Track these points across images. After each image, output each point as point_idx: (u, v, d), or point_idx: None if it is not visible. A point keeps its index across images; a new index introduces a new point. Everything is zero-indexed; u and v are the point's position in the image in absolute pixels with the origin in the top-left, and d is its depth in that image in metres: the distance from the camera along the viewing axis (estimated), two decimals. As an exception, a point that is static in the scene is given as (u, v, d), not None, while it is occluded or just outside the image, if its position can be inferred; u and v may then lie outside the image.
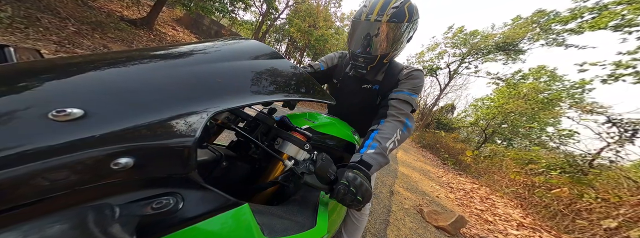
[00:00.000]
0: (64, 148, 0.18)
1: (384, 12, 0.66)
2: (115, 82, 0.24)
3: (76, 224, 0.17)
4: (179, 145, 0.23)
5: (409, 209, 2.24)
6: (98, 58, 0.28)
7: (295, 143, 0.47)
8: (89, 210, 0.18)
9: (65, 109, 0.19)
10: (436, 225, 2.00)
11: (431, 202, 2.72)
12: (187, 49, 0.35)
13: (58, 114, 0.19)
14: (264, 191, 0.49)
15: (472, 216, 2.65)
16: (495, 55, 14.76)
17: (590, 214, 2.59)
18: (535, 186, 3.56)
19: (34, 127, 0.18)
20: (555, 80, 12.38)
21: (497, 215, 2.89)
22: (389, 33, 0.68)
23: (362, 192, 0.43)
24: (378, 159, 0.58)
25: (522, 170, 4.20)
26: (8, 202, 0.17)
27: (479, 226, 2.38)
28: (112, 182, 0.21)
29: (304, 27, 10.28)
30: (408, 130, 0.68)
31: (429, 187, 3.49)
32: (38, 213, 0.18)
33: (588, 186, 3.03)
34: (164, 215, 0.23)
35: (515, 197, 3.63)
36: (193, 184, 0.27)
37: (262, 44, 0.42)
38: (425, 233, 1.83)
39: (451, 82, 17.98)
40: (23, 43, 2.65)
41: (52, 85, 0.22)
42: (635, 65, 4.17)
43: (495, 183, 4.37)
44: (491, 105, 13.30)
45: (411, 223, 1.93)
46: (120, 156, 0.20)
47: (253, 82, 0.34)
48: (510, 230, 2.45)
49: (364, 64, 0.75)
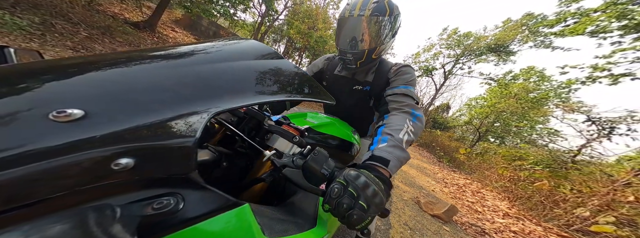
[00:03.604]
0: (64, 149, 0.18)
1: (366, 7, 0.69)
2: (115, 82, 0.25)
3: (77, 224, 0.17)
4: (179, 146, 0.23)
5: (407, 201, 2.50)
6: (98, 59, 0.29)
7: (284, 136, 0.44)
8: (90, 210, 0.19)
9: (66, 109, 0.19)
10: (432, 214, 2.27)
11: (427, 195, 3.00)
12: (187, 49, 0.35)
13: (58, 115, 0.19)
14: (252, 189, 0.46)
15: (464, 207, 2.94)
16: (487, 57, 15.27)
17: (566, 204, 2.91)
18: (520, 180, 3.90)
19: (35, 127, 0.18)
20: (544, 80, 12.90)
21: (486, 206, 3.19)
22: (372, 27, 0.70)
23: (367, 196, 0.33)
24: (395, 153, 0.49)
25: (510, 165, 4.54)
26: (9, 203, 0.17)
27: (470, 215, 2.67)
28: (113, 183, 0.21)
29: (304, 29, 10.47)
30: (419, 119, 0.63)
31: (425, 182, 3.78)
32: (39, 213, 0.18)
33: (564, 179, 3.37)
34: (165, 216, 0.23)
35: (503, 190, 3.96)
36: (193, 184, 0.27)
37: (262, 44, 0.42)
38: (422, 220, 2.10)
39: (446, 82, 18.47)
40: (44, 49, 2.78)
41: (52, 86, 0.22)
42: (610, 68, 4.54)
43: (485, 178, 4.70)
44: (484, 104, 13.68)
45: (410, 211, 2.19)
46: (120, 157, 0.20)
47: (253, 82, 0.34)
48: (497, 218, 2.74)
49: (352, 59, 0.76)
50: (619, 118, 5.53)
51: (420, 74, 18.11)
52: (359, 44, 0.73)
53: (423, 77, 18.30)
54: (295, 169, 0.37)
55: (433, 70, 17.86)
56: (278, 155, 0.40)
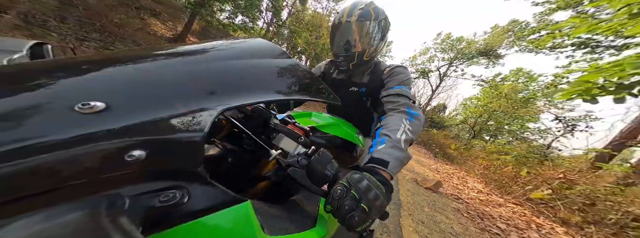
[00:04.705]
0: (85, 139, 0.19)
1: (353, 13, 0.77)
2: (134, 77, 0.26)
3: (89, 212, 0.18)
4: (188, 140, 0.24)
5: (408, 180, 3.62)
6: (120, 55, 0.31)
7: (290, 136, 0.45)
8: (102, 199, 0.20)
9: (90, 102, 0.21)
10: (425, 187, 3.39)
11: (423, 177, 4.12)
12: (199, 47, 0.36)
13: (83, 107, 0.20)
14: (256, 187, 0.47)
15: (450, 186, 4.06)
16: (478, 59, 16.54)
17: (520, 183, 4.06)
18: (494, 166, 5.06)
19: (62, 118, 0.19)
20: (532, 80, 13.96)
21: (466, 186, 4.33)
22: (360, 31, 0.78)
23: (369, 199, 0.34)
24: (394, 153, 0.51)
25: (487, 157, 5.71)
26: (31, 189, 0.18)
27: (452, 190, 3.80)
28: (125, 174, 0.22)
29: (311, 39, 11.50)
30: (416, 118, 0.64)
31: (422, 171, 4.91)
32: (56, 200, 0.19)
33: (524, 165, 4.53)
34: (170, 208, 0.24)
35: (482, 176, 5.12)
36: (199, 179, 0.27)
37: (271, 43, 0.42)
38: (419, 190, 3.21)
39: (441, 83, 19.78)
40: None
41: (80, 80, 0.24)
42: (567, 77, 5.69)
43: (470, 168, 5.86)
44: (478, 104, 14.69)
45: (410, 186, 3.30)
46: (134, 148, 0.21)
47: (262, 80, 0.35)
48: (472, 193, 3.88)
49: (345, 62, 0.83)
50: (579, 117, 6.75)
51: (417, 76, 19.41)
52: (350, 47, 0.81)
53: (420, 78, 19.63)
54: (299, 169, 0.39)
55: (429, 73, 19.16)
56: (283, 155, 0.43)
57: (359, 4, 0.79)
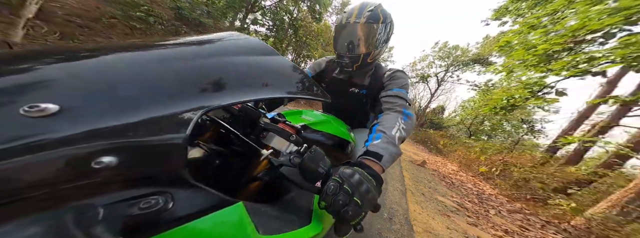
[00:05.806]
0: (37, 146, 0.17)
1: (361, 14, 0.77)
2: (95, 75, 0.23)
3: (54, 226, 0.17)
4: (167, 143, 0.23)
5: (406, 161, 5.80)
6: (79, 48, 0.27)
7: (281, 134, 0.43)
8: (69, 211, 0.18)
9: (39, 104, 0.18)
10: (416, 164, 5.57)
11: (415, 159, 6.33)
12: (179, 42, 0.34)
13: (30, 110, 0.18)
14: (249, 187, 0.45)
15: (433, 166, 6.24)
16: (472, 66, 18.52)
17: (477, 164, 6.26)
18: (466, 155, 7.28)
19: (5, 123, 0.17)
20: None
21: (445, 168, 6.51)
22: (367, 33, 0.78)
23: (361, 192, 0.36)
24: (388, 148, 0.54)
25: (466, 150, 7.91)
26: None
27: (435, 167, 5.99)
28: (95, 182, 0.20)
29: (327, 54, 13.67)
30: (409, 118, 0.68)
31: (416, 157, 7.11)
32: (13, 214, 0.17)
33: (484, 154, 6.73)
34: (153, 215, 0.23)
35: (458, 162, 7.33)
36: (184, 183, 0.26)
37: (258, 40, 0.40)
38: (412, 166, 5.40)
39: (440, 87, 21.76)
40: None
41: (22, 79, 0.20)
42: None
43: (454, 158, 8.04)
44: (474, 106, 16.59)
45: (406, 164, 5.48)
46: (101, 154, 0.19)
47: (248, 78, 0.33)
48: (447, 170, 6.06)
49: (349, 63, 0.84)
50: (538, 119, 8.92)
51: (418, 80, 21.40)
52: (355, 49, 0.82)
53: (419, 83, 21.63)
54: (292, 168, 0.39)
55: (428, 78, 21.13)
56: (275, 154, 0.42)
57: (367, 5, 0.80)
